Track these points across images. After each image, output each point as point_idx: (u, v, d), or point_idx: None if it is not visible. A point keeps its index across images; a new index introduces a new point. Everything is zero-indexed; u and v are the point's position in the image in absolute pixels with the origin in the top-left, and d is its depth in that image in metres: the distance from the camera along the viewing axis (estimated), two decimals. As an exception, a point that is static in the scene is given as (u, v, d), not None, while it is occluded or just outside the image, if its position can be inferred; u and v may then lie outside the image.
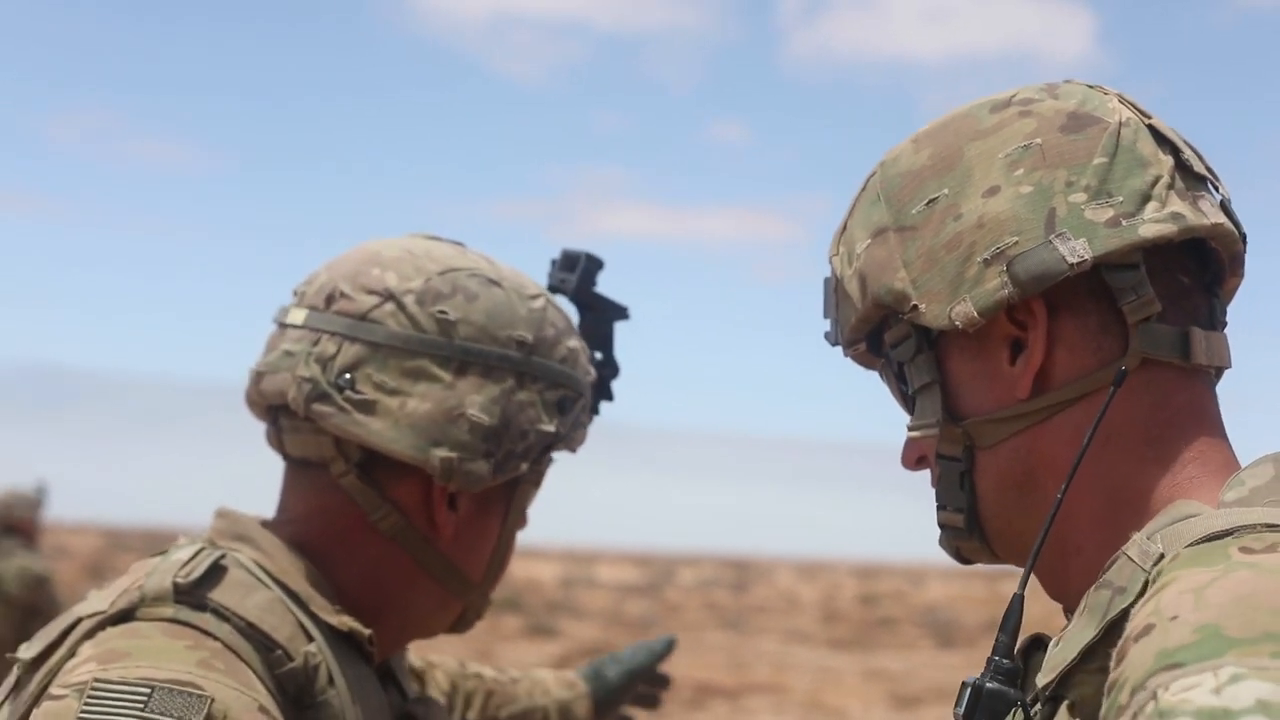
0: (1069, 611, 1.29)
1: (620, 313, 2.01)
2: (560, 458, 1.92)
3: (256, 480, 1.88)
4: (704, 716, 16.38)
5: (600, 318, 2.00)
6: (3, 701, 1.64)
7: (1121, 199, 1.27)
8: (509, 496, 1.84)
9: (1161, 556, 1.15)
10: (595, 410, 1.96)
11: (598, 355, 1.98)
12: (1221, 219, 1.29)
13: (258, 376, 1.80)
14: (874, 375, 1.46)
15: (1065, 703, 1.17)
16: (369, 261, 1.79)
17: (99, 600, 1.66)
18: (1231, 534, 1.13)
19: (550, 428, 1.80)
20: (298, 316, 1.79)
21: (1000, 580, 41.76)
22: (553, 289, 1.97)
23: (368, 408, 1.73)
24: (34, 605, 7.84)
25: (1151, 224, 1.26)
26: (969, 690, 1.20)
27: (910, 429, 1.38)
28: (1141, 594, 1.13)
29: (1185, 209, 1.27)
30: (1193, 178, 1.30)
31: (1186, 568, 1.09)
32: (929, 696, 18.13)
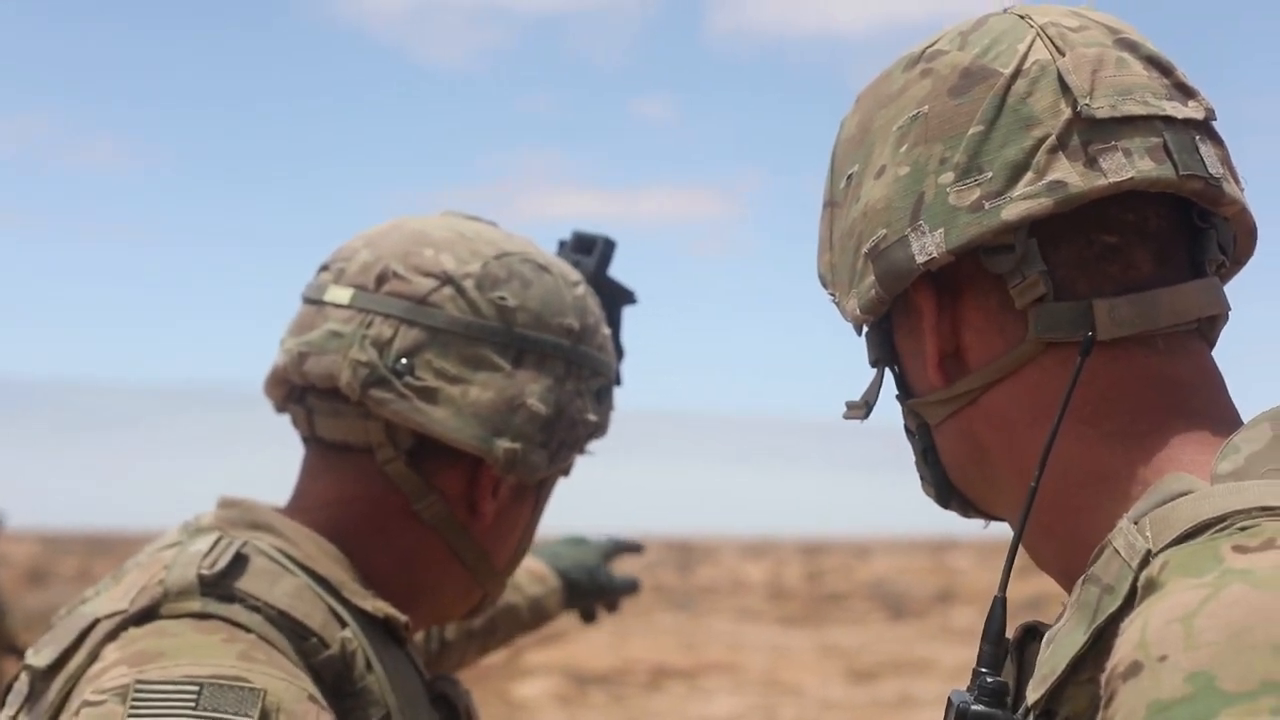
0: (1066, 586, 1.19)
1: (629, 297, 1.98)
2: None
3: (194, 482, 1.73)
4: (662, 698, 16.35)
5: (610, 302, 1.94)
6: (16, 713, 1.55)
7: (991, 175, 1.15)
8: (540, 485, 1.80)
9: (1149, 553, 1.03)
10: None
11: None
12: (1148, 167, 1.14)
13: (301, 357, 1.71)
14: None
15: (1058, 719, 1.06)
16: (419, 241, 1.73)
17: (115, 600, 1.57)
18: (1224, 522, 1.02)
19: (594, 417, 1.78)
20: (342, 295, 1.71)
21: (945, 551, 42.08)
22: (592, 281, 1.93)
23: (429, 395, 1.68)
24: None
25: (1020, 202, 1.14)
26: (953, 712, 1.10)
27: (846, 404, 1.30)
28: (1130, 597, 1.02)
29: (1073, 173, 1.13)
30: (1115, 124, 1.15)
31: (1175, 577, 0.98)
32: (884, 670, 18.21)
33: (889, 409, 1.31)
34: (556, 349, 1.73)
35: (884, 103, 1.24)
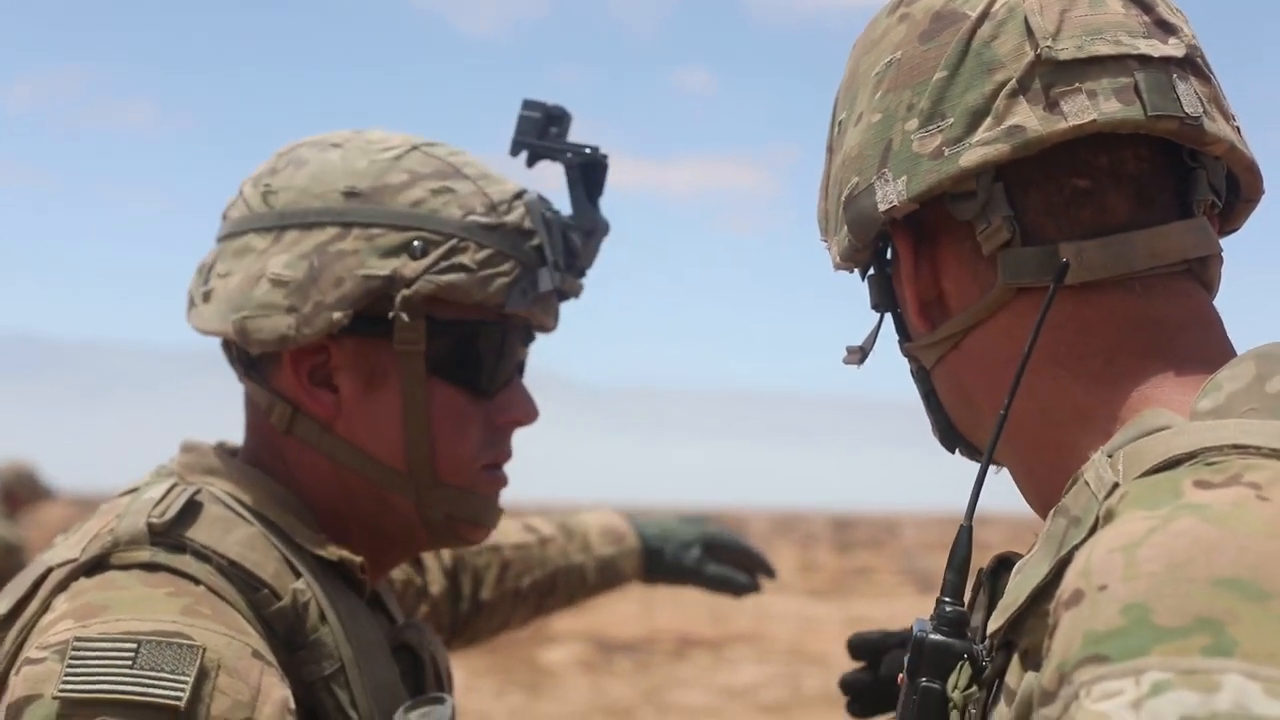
0: None
1: (585, 155, 1.73)
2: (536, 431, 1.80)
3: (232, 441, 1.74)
4: (687, 667, 16.37)
5: (566, 167, 1.75)
6: None
7: (952, 121, 1.14)
8: (407, 366, 1.66)
9: (1115, 486, 1.02)
10: (569, 266, 1.72)
11: (558, 210, 1.74)
12: (1113, 109, 1.12)
13: None
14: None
15: (1018, 651, 1.05)
16: None
17: (68, 548, 1.55)
18: (1194, 458, 1.01)
19: (380, 271, 1.63)
20: None
21: (974, 526, 41.80)
22: (514, 147, 1.75)
23: (207, 297, 1.70)
24: (3, 573, 7.76)
25: (978, 148, 1.13)
26: (912, 642, 1.10)
27: (846, 349, 1.31)
28: (1094, 529, 1.00)
29: (1033, 117, 1.12)
30: (1081, 65, 1.13)
31: (1130, 509, 0.97)
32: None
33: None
34: (324, 214, 1.65)
35: (868, 48, 1.24)
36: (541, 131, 1.73)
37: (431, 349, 1.67)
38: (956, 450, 1.30)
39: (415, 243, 1.64)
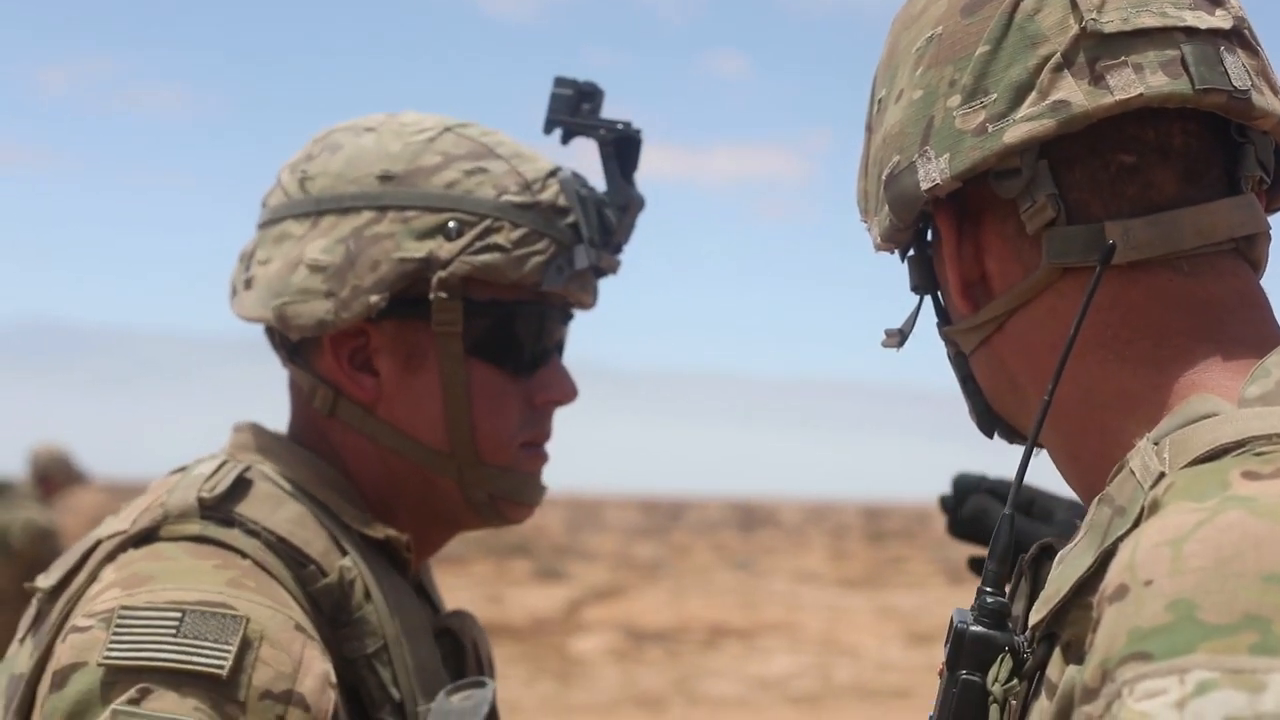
0: None
1: (618, 131, 1.72)
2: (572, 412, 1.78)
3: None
4: (719, 656, 16.38)
5: (600, 144, 1.74)
6: (25, 636, 1.55)
7: (995, 96, 1.11)
8: (444, 347, 1.67)
9: (1161, 475, 0.99)
10: (606, 243, 1.71)
11: (596, 188, 1.73)
12: (1161, 82, 1.08)
13: None
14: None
15: (1060, 643, 1.02)
16: None
17: (118, 521, 1.57)
18: (1242, 447, 0.98)
19: (416, 253, 1.63)
20: None
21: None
22: (548, 125, 1.73)
23: (249, 284, 1.70)
24: (38, 558, 7.76)
25: (1023, 124, 1.09)
26: (952, 634, 1.08)
27: (885, 332, 1.28)
28: (1139, 519, 0.97)
29: (1078, 91, 1.09)
30: (1127, 38, 1.10)
31: (1176, 500, 0.94)
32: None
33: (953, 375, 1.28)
34: (359, 198, 1.66)
35: (908, 24, 1.21)
36: (574, 108, 1.72)
37: (469, 329, 1.66)
38: (995, 434, 1.27)
39: (450, 224, 1.64)
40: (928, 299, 1.25)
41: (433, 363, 1.67)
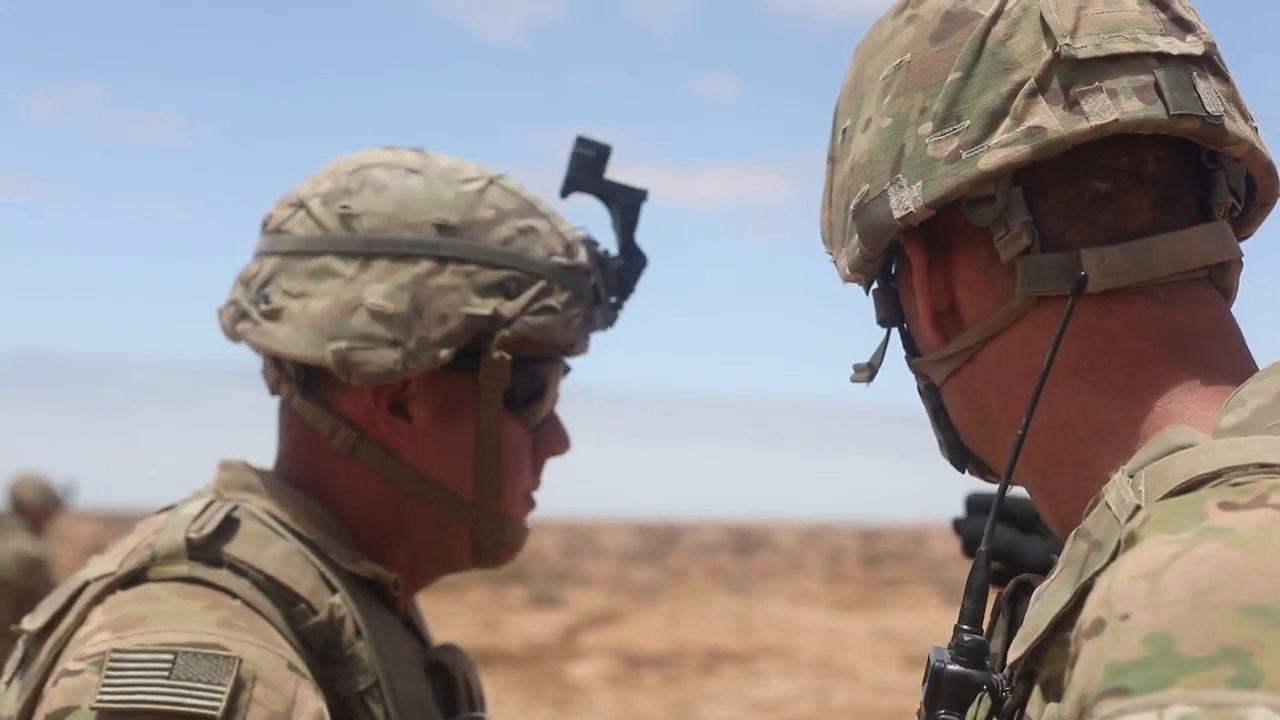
0: None
1: (635, 196, 1.79)
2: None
3: (260, 460, 1.72)
4: (716, 681, 16.35)
5: (614, 207, 1.80)
6: (10, 678, 1.54)
7: (968, 123, 1.10)
8: (481, 398, 1.68)
9: (1138, 508, 0.97)
10: (617, 303, 1.79)
11: (607, 248, 1.78)
12: (1135, 108, 1.07)
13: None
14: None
15: (1039, 681, 1.01)
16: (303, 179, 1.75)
17: (105, 562, 1.56)
18: (1219, 478, 0.96)
19: (482, 310, 1.64)
20: None
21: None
22: (567, 186, 1.78)
23: (275, 315, 1.66)
24: (29, 589, 7.78)
25: (997, 150, 1.08)
26: (930, 673, 1.05)
27: (853, 367, 1.26)
28: (1115, 555, 0.96)
29: (1053, 117, 1.07)
30: (1100, 63, 1.08)
31: (1153, 532, 0.93)
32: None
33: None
34: (417, 245, 1.65)
35: (873, 52, 1.20)
36: (595, 171, 1.77)
37: (511, 385, 1.69)
38: (966, 469, 1.26)
39: (509, 282, 1.66)
40: (895, 331, 1.24)
41: (468, 415, 1.69)
